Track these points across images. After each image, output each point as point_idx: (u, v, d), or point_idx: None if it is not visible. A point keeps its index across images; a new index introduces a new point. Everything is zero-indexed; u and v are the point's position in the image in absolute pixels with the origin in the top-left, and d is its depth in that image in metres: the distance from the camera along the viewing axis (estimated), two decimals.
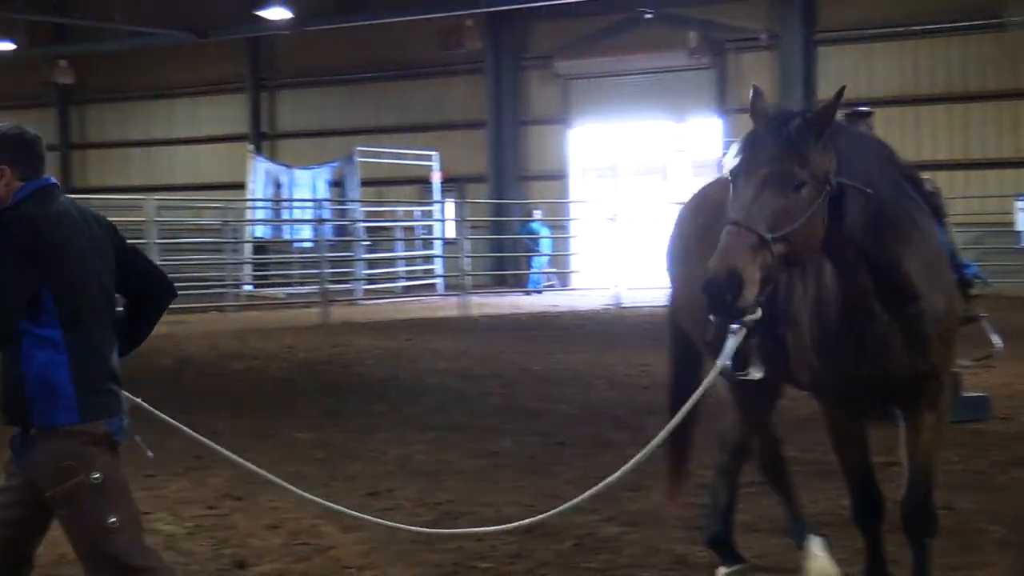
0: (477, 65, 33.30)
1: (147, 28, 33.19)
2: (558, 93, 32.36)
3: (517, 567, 7.28)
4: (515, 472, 9.93)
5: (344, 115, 35.88)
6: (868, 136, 5.78)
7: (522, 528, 6.69)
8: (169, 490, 9.41)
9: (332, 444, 11.11)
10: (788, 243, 4.90)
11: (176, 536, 8.00)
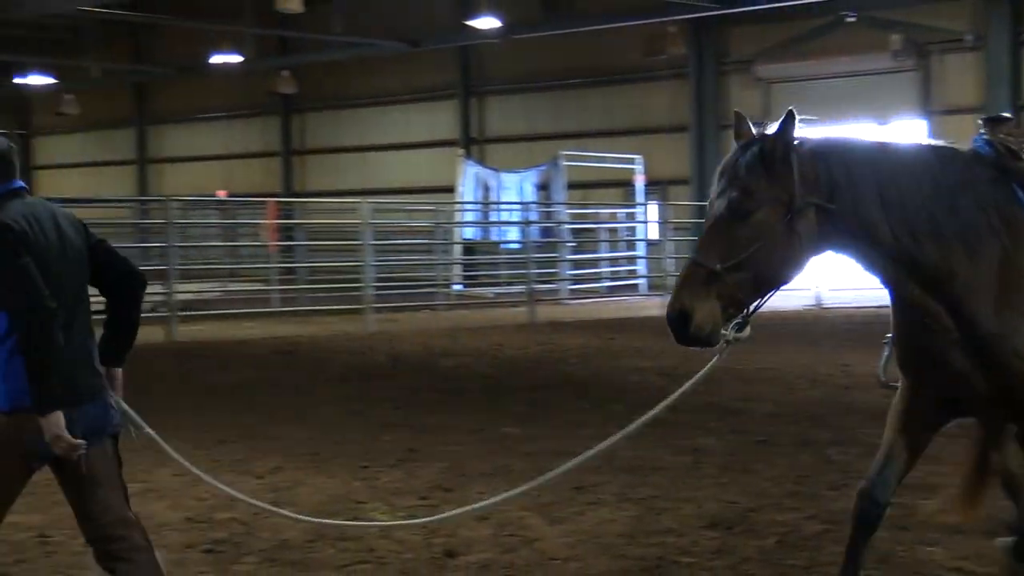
0: (680, 70, 33.10)
1: (364, 39, 33.79)
2: (759, 97, 31.95)
3: (719, 563, 7.20)
4: (717, 469, 9.83)
5: (550, 120, 36.01)
6: (898, 147, 5.39)
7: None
8: (382, 481, 9.55)
9: (538, 439, 11.15)
10: (746, 269, 5.03)
11: (389, 526, 8.11)
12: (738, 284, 5.06)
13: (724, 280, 5.03)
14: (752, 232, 5.03)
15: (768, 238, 5.03)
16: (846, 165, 5.17)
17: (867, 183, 5.13)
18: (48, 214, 5.14)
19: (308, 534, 7.92)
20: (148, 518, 8.21)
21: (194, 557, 7.44)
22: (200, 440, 11.36)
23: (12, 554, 7.53)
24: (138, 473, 9.82)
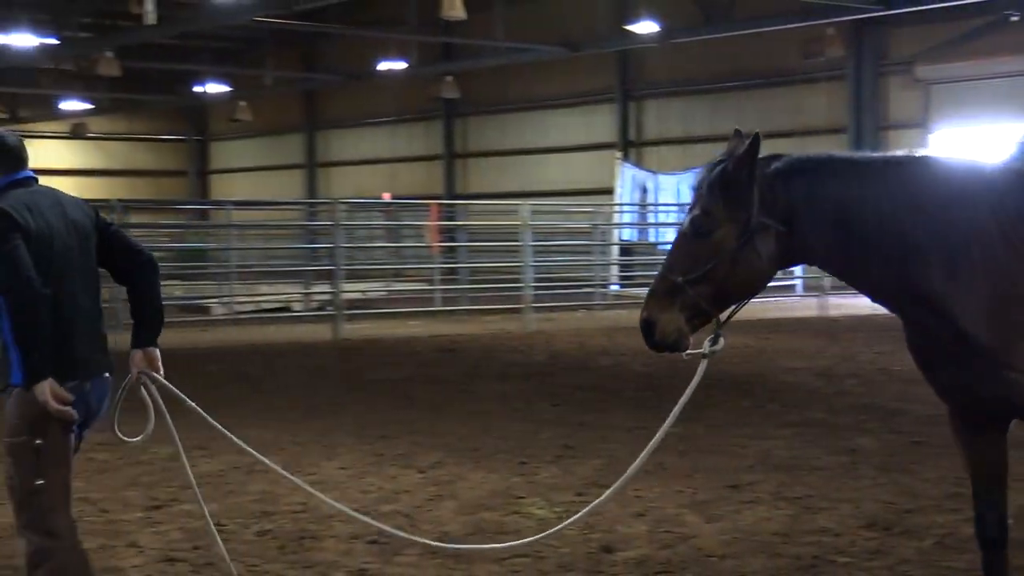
0: (838, 72, 32.55)
1: (525, 45, 33.91)
2: (918, 98, 31.26)
3: (877, 563, 7.06)
4: (874, 469, 9.64)
5: (707, 123, 35.72)
6: (880, 166, 5.29)
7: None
8: (541, 477, 9.57)
9: (694, 437, 11.07)
10: (708, 283, 5.23)
11: (547, 520, 8.11)
12: (700, 296, 5.26)
13: (687, 292, 5.25)
14: (711, 249, 5.22)
15: (726, 255, 5.20)
16: (809, 187, 5.22)
17: (827, 206, 5.18)
18: (52, 201, 5.42)
19: (468, 527, 7.97)
20: (316, 510, 8.37)
21: (359, 548, 7.53)
22: (364, 435, 11.51)
23: (188, 540, 7.71)
24: (306, 466, 10.00)
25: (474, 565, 7.12)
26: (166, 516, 8.34)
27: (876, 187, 5.19)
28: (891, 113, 32.18)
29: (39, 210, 5.31)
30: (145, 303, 5.73)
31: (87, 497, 8.82)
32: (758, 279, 5.34)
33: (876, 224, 5.14)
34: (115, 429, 5.67)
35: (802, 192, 5.20)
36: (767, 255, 5.22)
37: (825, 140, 32.22)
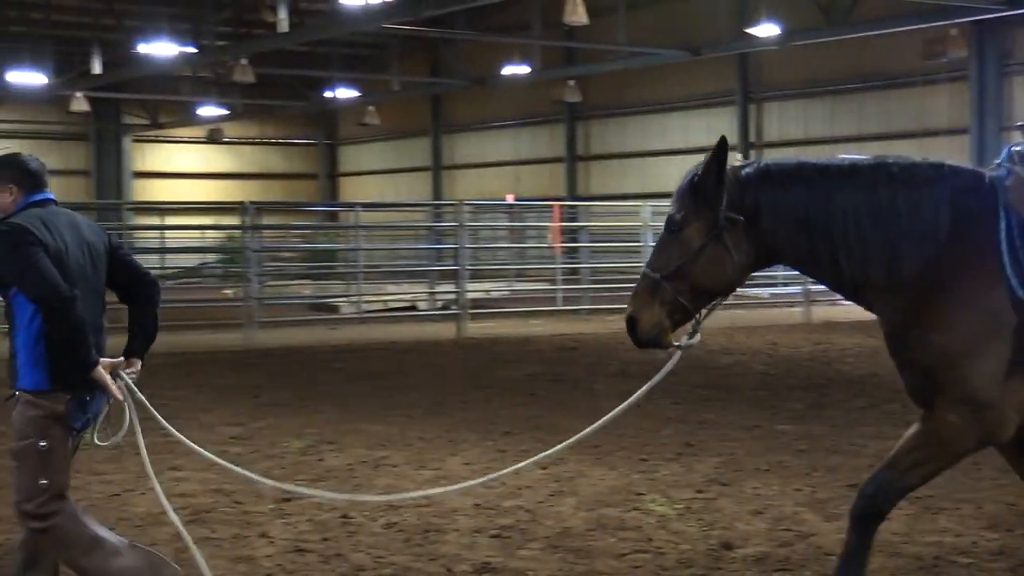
0: (960, 73, 31.91)
1: (647, 49, 33.79)
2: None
3: (999, 564, 6.91)
4: (995, 470, 9.39)
5: (827, 125, 35.28)
6: (845, 171, 5.55)
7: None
8: (661, 474, 9.52)
9: (813, 436, 10.93)
10: (683, 278, 5.49)
11: (667, 517, 8.07)
12: (678, 292, 5.49)
13: (665, 288, 5.50)
14: (683, 247, 5.50)
15: (697, 253, 5.47)
16: (774, 190, 5.48)
17: (789, 207, 5.45)
18: (67, 220, 5.74)
19: (589, 523, 7.95)
20: (440, 504, 8.41)
21: (482, 542, 7.55)
22: (488, 431, 11.55)
23: (317, 532, 7.80)
24: (431, 461, 10.07)
25: (595, 560, 7.11)
26: (296, 508, 8.44)
27: (839, 190, 5.45)
28: (1015, 114, 31.45)
29: (56, 228, 5.62)
30: (144, 322, 6.01)
31: (221, 488, 8.98)
32: (728, 275, 5.54)
33: (838, 224, 5.41)
34: (94, 435, 5.85)
35: (768, 195, 5.47)
36: (737, 253, 5.47)
37: (946, 142, 31.63)
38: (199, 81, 44.18)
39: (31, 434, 5.49)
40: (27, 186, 5.73)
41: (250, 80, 32.93)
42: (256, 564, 7.11)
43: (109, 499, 8.78)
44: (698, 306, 5.62)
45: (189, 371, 16.24)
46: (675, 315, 5.56)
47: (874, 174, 5.50)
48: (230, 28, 36.81)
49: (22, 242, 5.44)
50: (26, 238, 5.46)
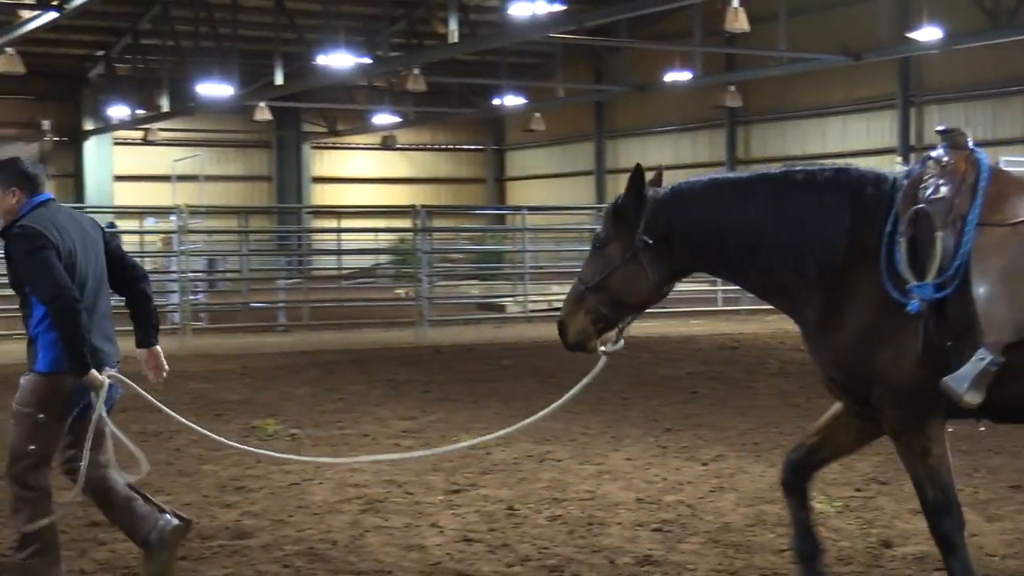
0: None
1: (807, 54, 33.27)
2: None
3: None
4: None
5: (990, 127, 34.29)
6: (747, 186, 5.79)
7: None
8: (820, 472, 9.34)
9: (975, 437, 10.61)
10: (604, 291, 5.79)
11: (826, 514, 7.93)
12: (600, 303, 5.81)
13: (590, 299, 5.82)
14: (605, 263, 5.79)
15: (616, 267, 5.75)
16: (684, 210, 5.74)
17: (699, 223, 5.69)
18: (70, 218, 6.14)
19: (749, 519, 7.86)
20: (603, 497, 8.40)
21: (644, 535, 7.52)
22: (650, 427, 11.49)
23: (485, 523, 7.85)
24: (594, 456, 10.06)
25: (755, 555, 7.01)
26: (465, 500, 8.50)
27: (746, 202, 5.67)
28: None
29: (64, 228, 6.01)
30: (142, 309, 6.44)
31: (394, 480, 9.09)
32: (644, 291, 5.82)
33: (746, 233, 5.62)
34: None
35: (679, 215, 5.72)
36: (652, 269, 5.72)
37: None
38: (374, 90, 44.85)
39: (32, 404, 5.97)
40: (29, 188, 6.09)
41: (422, 89, 33.29)
42: (426, 552, 7.19)
43: (288, 488, 8.96)
44: (618, 316, 5.91)
45: (364, 367, 16.49)
46: (598, 323, 5.88)
47: (779, 184, 5.67)
48: (403, 40, 37.33)
49: (36, 246, 5.87)
50: (39, 242, 5.88)
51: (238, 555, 7.15)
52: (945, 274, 5.16)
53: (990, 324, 5.06)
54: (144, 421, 12.12)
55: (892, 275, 5.27)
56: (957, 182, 5.29)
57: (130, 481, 6.31)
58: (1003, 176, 5.36)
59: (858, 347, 5.37)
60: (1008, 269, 5.10)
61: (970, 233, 5.17)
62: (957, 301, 5.15)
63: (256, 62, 37.65)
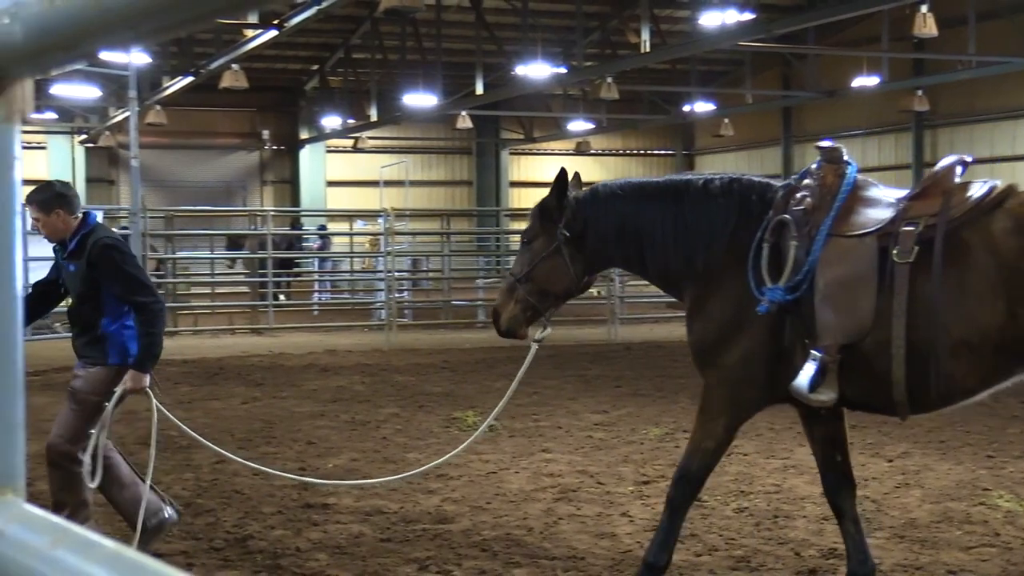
0: None
1: (996, 57, 32.10)
2: None
3: None
4: None
5: None
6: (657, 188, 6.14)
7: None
8: (1008, 471, 9.04)
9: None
10: (532, 281, 6.14)
11: (1015, 513, 7.65)
12: (528, 292, 6.15)
13: (520, 289, 6.16)
14: (532, 256, 6.17)
15: (541, 260, 6.11)
16: (598, 208, 6.10)
17: (609, 220, 6.06)
18: None
19: (934, 515, 7.63)
20: (789, 491, 8.27)
21: (829, 528, 7.35)
22: None
23: None
24: (780, 451, 9.91)
25: (941, 551, 6.81)
26: (654, 491, 8.47)
27: (649, 204, 6.03)
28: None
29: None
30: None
31: (586, 470, 9.12)
32: (566, 281, 6.18)
33: (647, 232, 5.98)
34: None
35: (593, 212, 6.09)
36: (572, 261, 6.09)
37: None
38: (569, 98, 44.97)
39: (100, 392, 6.47)
40: (68, 208, 6.54)
41: (615, 96, 33.23)
42: (617, 540, 7.18)
43: (487, 476, 9.07)
44: (545, 305, 6.24)
45: (559, 363, 16.57)
46: (527, 312, 6.20)
47: (680, 189, 6.04)
48: (597, 50, 37.33)
49: (130, 255, 6.55)
50: (130, 251, 6.60)
51: (440, 538, 7.26)
52: (795, 279, 5.45)
53: (825, 328, 5.37)
54: (353, 411, 12.44)
55: (756, 277, 5.58)
56: (821, 194, 5.61)
57: (92, 486, 6.66)
58: (861, 191, 5.65)
59: (713, 335, 5.75)
60: (846, 277, 5.40)
61: (820, 242, 5.47)
62: (807, 304, 5.44)
63: (458, 73, 38.16)
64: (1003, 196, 5.50)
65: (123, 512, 6.79)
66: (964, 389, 5.46)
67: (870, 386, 5.44)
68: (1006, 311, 5.20)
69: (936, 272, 5.24)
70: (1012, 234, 5.29)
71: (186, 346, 19.04)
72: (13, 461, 1.33)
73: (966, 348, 5.27)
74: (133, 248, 18.79)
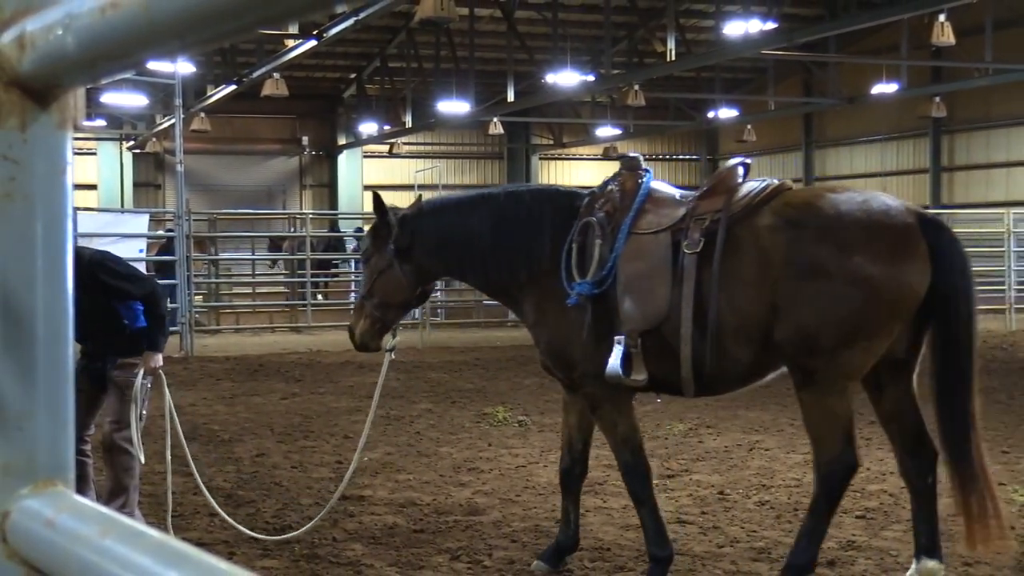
0: None
1: (1013, 65, 31.84)
2: None
3: None
4: None
5: None
6: (473, 202, 6.40)
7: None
8: (1022, 466, 8.96)
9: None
10: (373, 296, 6.37)
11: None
12: (373, 307, 6.36)
13: (366, 305, 6.39)
14: (370, 272, 6.42)
15: (378, 275, 6.34)
16: (423, 223, 6.32)
17: (432, 234, 6.29)
18: None
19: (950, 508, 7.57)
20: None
21: (848, 521, 7.34)
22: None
23: (697, 506, 7.79)
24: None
25: (957, 543, 6.76)
26: (679, 484, 8.45)
27: (468, 217, 6.26)
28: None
29: None
30: None
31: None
32: (403, 293, 6.39)
33: (468, 243, 6.22)
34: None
35: (418, 227, 6.32)
36: (405, 273, 6.31)
37: None
38: (597, 105, 44.92)
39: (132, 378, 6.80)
40: None
41: (641, 103, 33.17)
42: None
43: (516, 470, 9.07)
44: (389, 317, 6.46)
45: None
46: (376, 325, 6.41)
47: (497, 202, 6.27)
48: (625, 58, 37.27)
49: (109, 257, 6.88)
50: (105, 254, 6.94)
51: (471, 529, 7.27)
52: (601, 274, 5.78)
53: (627, 316, 5.71)
54: (388, 407, 12.46)
55: (569, 276, 5.87)
56: (622, 198, 5.94)
57: None
58: (657, 194, 5.99)
59: (558, 338, 5.98)
60: (644, 270, 5.73)
61: (621, 240, 5.81)
62: (612, 297, 5.77)
63: (490, 81, 38.17)
64: (772, 194, 5.77)
65: (109, 487, 7.00)
66: (749, 372, 5.74)
67: (667, 367, 5.78)
68: (769, 299, 5.49)
69: (716, 263, 5.56)
70: (772, 231, 5.55)
71: (228, 343, 19.13)
72: (64, 455, 1.34)
73: (744, 334, 5.56)
74: (178, 250, 18.97)
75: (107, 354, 6.83)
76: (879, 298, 5.33)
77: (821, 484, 5.60)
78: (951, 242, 5.61)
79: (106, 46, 1.16)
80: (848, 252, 5.35)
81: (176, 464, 7.54)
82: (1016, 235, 23.71)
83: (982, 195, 38.59)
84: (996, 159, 38.95)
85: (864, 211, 5.45)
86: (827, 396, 5.48)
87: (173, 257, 19.28)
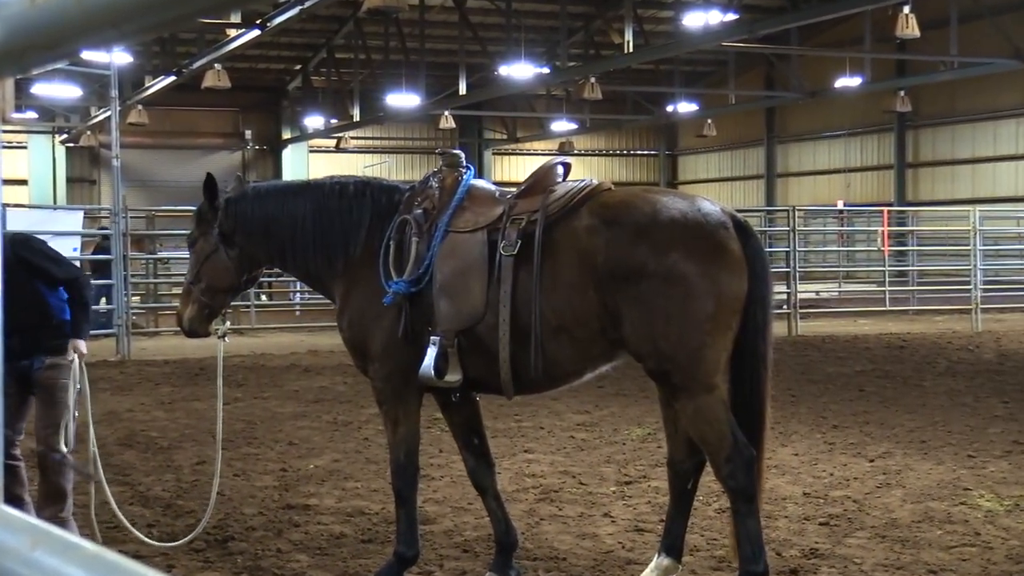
0: None
1: (978, 59, 32.22)
2: None
3: None
4: None
5: None
6: (297, 189, 6.54)
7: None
8: (988, 470, 9.07)
9: None
10: (200, 280, 6.47)
11: (995, 512, 7.68)
12: (201, 292, 6.45)
13: (193, 291, 6.48)
14: (197, 258, 6.49)
15: (204, 260, 6.43)
16: (246, 208, 6.40)
17: (254, 220, 6.37)
18: None
19: (916, 515, 7.66)
20: (771, 491, 8.27)
21: (811, 529, 7.39)
22: (818, 423, 11.29)
23: (655, 514, 7.81)
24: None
25: (922, 551, 6.83)
26: (636, 491, 8.48)
27: (290, 204, 6.35)
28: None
29: None
30: None
31: (568, 471, 9.11)
32: (229, 278, 6.46)
33: (287, 231, 6.31)
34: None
35: (241, 212, 6.39)
36: (230, 258, 6.40)
37: None
38: (552, 99, 45.00)
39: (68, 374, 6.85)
40: None
41: (598, 97, 33.26)
42: (599, 541, 7.19)
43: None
44: (217, 302, 6.54)
45: None
46: (204, 311, 6.48)
47: (320, 192, 6.35)
48: (581, 50, 37.37)
49: (33, 239, 6.96)
50: (28, 236, 7.02)
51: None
52: (417, 272, 5.90)
53: (443, 315, 5.82)
54: (335, 412, 12.41)
55: (386, 272, 5.98)
56: (441, 195, 6.08)
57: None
58: (477, 191, 6.14)
59: (358, 330, 6.11)
60: (460, 269, 5.85)
61: (438, 238, 5.93)
62: (428, 295, 5.89)
63: (441, 73, 38.15)
64: (589, 195, 5.86)
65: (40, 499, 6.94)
66: (568, 371, 5.86)
67: (484, 367, 5.87)
68: (598, 300, 5.57)
69: (535, 264, 5.68)
70: (589, 231, 5.67)
71: (167, 346, 18.99)
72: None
73: (566, 333, 5.67)
74: (114, 248, 18.80)
75: (34, 352, 6.76)
76: (703, 295, 5.45)
77: (729, 485, 5.64)
78: (757, 249, 5.75)
79: (37, 35, 1.14)
80: (664, 251, 5.46)
81: (112, 473, 7.47)
82: (982, 233, 23.93)
83: (948, 192, 39.01)
84: (962, 155, 39.38)
85: (680, 211, 5.58)
86: (696, 397, 5.54)
87: (109, 256, 19.11)
